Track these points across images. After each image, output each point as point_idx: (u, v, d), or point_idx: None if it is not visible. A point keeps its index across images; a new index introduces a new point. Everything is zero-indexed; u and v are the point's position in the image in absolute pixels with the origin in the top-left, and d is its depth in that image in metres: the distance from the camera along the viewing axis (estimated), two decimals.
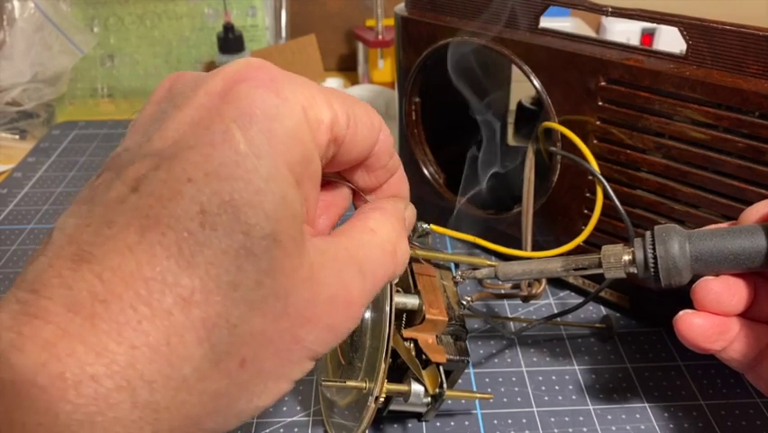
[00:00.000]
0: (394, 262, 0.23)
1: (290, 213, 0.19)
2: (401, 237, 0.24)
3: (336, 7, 0.87)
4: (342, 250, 0.22)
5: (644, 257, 0.30)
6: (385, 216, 0.24)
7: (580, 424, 0.36)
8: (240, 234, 0.18)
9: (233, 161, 0.18)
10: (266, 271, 0.18)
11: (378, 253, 0.23)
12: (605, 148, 0.39)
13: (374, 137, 0.23)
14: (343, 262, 0.21)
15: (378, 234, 0.23)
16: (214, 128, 0.19)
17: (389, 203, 0.25)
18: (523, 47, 0.40)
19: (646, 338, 0.42)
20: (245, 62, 0.21)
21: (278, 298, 0.19)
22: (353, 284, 0.21)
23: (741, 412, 0.37)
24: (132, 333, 0.17)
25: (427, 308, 0.33)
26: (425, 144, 0.50)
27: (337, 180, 0.26)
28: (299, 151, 0.20)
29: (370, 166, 0.25)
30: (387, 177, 0.26)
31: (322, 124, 0.21)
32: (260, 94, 0.19)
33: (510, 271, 0.34)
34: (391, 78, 0.79)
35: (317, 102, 0.21)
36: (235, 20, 0.78)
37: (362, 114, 0.23)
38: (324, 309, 0.20)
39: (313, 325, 0.20)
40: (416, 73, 0.47)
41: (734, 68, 0.33)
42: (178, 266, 0.18)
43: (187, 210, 0.18)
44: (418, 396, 0.32)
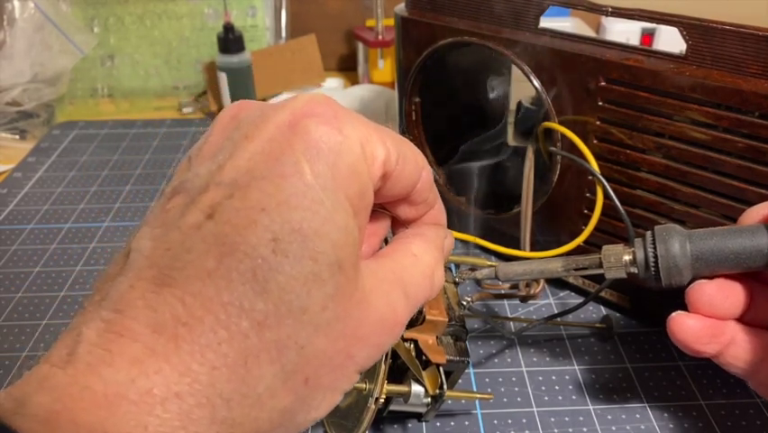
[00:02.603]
0: (431, 286, 0.25)
1: (351, 241, 0.21)
2: (439, 263, 0.26)
3: (336, 7, 0.87)
4: (390, 273, 0.23)
5: (644, 257, 0.30)
6: (426, 243, 0.26)
7: (580, 424, 0.37)
8: (309, 261, 0.19)
9: (302, 191, 0.20)
10: (332, 296, 0.20)
11: (419, 278, 0.24)
12: (605, 148, 0.39)
13: (418, 174, 0.25)
14: (390, 285, 0.23)
15: (420, 260, 0.25)
16: (285, 160, 0.20)
17: (431, 230, 0.27)
18: (523, 47, 0.40)
19: (646, 338, 0.42)
20: (310, 98, 0.22)
21: (339, 320, 0.20)
22: (399, 305, 0.23)
23: (741, 412, 0.37)
24: (212, 354, 0.18)
25: (427, 309, 0.33)
26: (425, 144, 0.50)
27: (380, 210, 0.27)
28: (358, 184, 0.21)
29: (413, 200, 0.26)
30: (426, 210, 0.27)
31: (377, 161, 0.22)
32: (325, 130, 0.21)
33: (510, 272, 0.34)
34: (391, 78, 0.78)
35: (373, 140, 0.22)
36: (235, 20, 0.78)
37: (410, 153, 0.24)
38: (374, 329, 0.22)
39: (364, 343, 0.22)
40: (415, 73, 0.47)
41: (733, 68, 0.33)
42: (254, 291, 0.19)
43: (261, 238, 0.19)
44: (418, 397, 0.32)
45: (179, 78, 0.84)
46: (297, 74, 0.79)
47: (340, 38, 0.89)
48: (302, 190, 0.20)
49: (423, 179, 0.25)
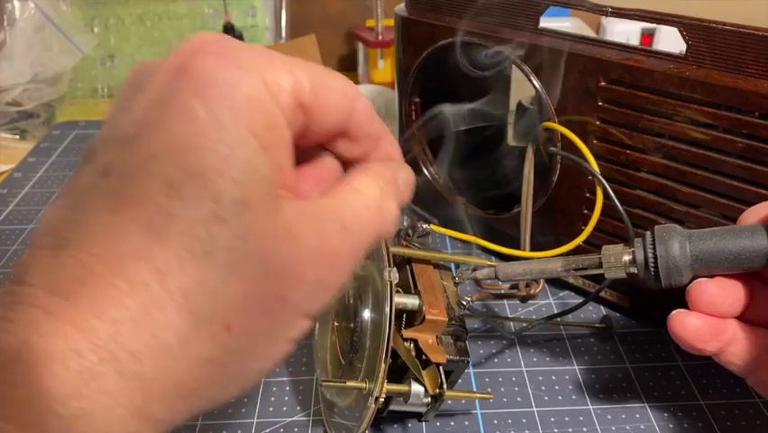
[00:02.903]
0: (381, 218, 0.24)
1: (258, 177, 0.19)
2: (387, 195, 0.24)
3: (336, 7, 0.87)
4: (324, 209, 0.22)
5: (644, 257, 0.30)
6: (371, 176, 0.24)
7: (580, 424, 0.37)
8: (209, 202, 0.19)
9: (196, 132, 0.19)
10: (239, 235, 0.19)
11: (362, 210, 0.23)
12: (605, 148, 0.39)
13: (348, 104, 0.23)
14: (324, 220, 0.22)
15: (362, 192, 0.24)
16: (174, 103, 0.19)
17: (377, 165, 0.25)
18: (522, 47, 0.40)
19: (646, 338, 0.42)
20: (199, 37, 0.21)
21: (256, 260, 0.19)
22: (335, 239, 0.22)
23: (741, 412, 0.37)
24: (112, 308, 0.18)
25: (427, 309, 0.33)
26: (424, 144, 0.50)
27: (324, 154, 0.26)
28: (261, 117, 0.20)
29: (353, 135, 0.25)
30: (373, 145, 0.26)
31: (282, 90, 0.21)
32: (216, 65, 0.20)
33: (510, 272, 0.34)
34: (391, 79, 0.79)
35: (276, 68, 0.21)
36: (235, 20, 0.78)
37: (332, 81, 0.23)
38: (307, 266, 0.21)
39: (297, 282, 0.20)
40: (415, 73, 0.47)
41: (733, 68, 0.33)
42: (151, 240, 0.18)
43: (155, 185, 0.18)
44: (418, 396, 0.32)
45: None
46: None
47: (340, 38, 0.89)
48: (195, 131, 0.19)
49: (358, 110, 0.24)
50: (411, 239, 0.38)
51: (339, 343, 0.35)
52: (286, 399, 0.39)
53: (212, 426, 0.37)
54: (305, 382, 0.40)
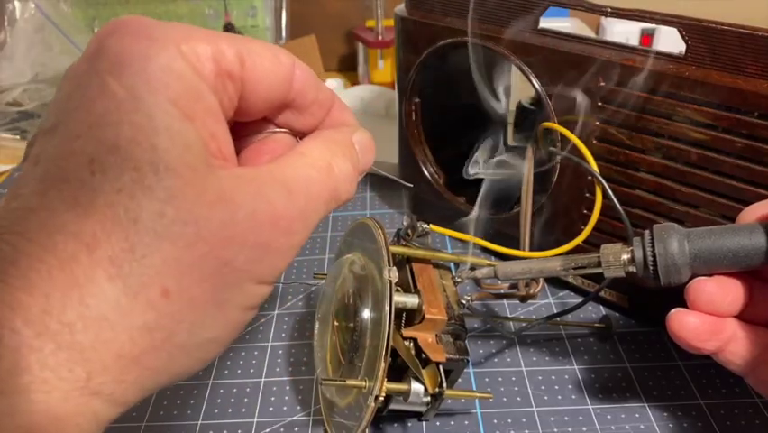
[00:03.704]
0: (331, 178, 0.24)
1: (181, 143, 0.20)
2: (337, 156, 0.24)
3: (336, 8, 0.87)
4: (265, 173, 0.22)
5: (643, 256, 0.30)
6: (317, 140, 0.25)
7: (580, 423, 0.37)
8: (131, 172, 0.19)
9: (113, 107, 0.19)
10: (165, 200, 0.19)
11: (307, 171, 0.23)
12: (604, 148, 0.39)
13: (283, 72, 0.23)
14: (264, 182, 0.22)
15: (307, 155, 0.24)
16: (91, 83, 0.20)
17: (327, 130, 0.26)
18: (523, 47, 0.40)
19: (645, 338, 0.42)
20: (113, 19, 0.21)
21: (186, 224, 0.19)
22: (278, 200, 0.22)
23: (740, 412, 0.37)
24: (42, 283, 0.18)
25: (427, 308, 0.33)
26: (424, 144, 0.50)
27: (275, 130, 0.26)
28: (180, 85, 0.20)
29: (297, 104, 0.25)
30: (322, 113, 0.26)
31: (201, 58, 0.21)
32: (128, 41, 0.20)
33: (509, 271, 0.34)
34: (391, 79, 0.79)
35: (193, 38, 0.21)
36: (236, 20, 0.78)
37: (261, 49, 0.23)
38: (247, 229, 0.21)
39: (237, 245, 0.20)
40: (415, 73, 0.47)
41: (733, 68, 0.33)
42: (77, 214, 0.19)
43: (78, 163, 0.19)
44: (418, 395, 0.33)
45: None
46: None
47: (340, 38, 0.89)
48: (112, 106, 0.19)
49: (297, 78, 0.24)
50: (410, 238, 0.38)
51: (339, 342, 0.35)
52: (286, 398, 0.39)
53: (212, 425, 0.37)
54: (305, 382, 0.40)
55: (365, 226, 0.36)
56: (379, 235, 0.34)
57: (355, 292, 0.34)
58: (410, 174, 0.51)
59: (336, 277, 0.36)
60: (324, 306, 0.37)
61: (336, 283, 0.36)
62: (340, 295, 0.36)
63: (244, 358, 0.42)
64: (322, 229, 0.55)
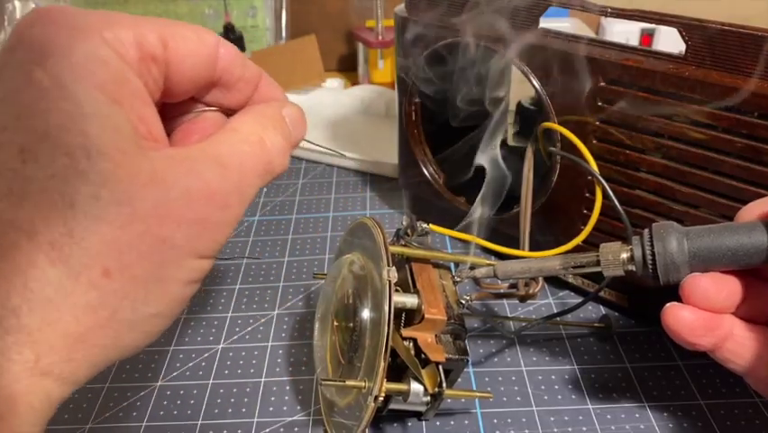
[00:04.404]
0: (264, 150, 0.24)
1: (111, 127, 0.20)
2: (268, 129, 0.25)
3: (336, 8, 0.87)
4: (197, 151, 0.23)
5: (642, 254, 0.30)
6: (248, 116, 0.25)
7: (580, 423, 0.37)
8: (63, 158, 0.20)
9: (39, 96, 0.20)
10: (99, 183, 0.20)
11: (240, 146, 0.24)
12: (604, 148, 0.39)
13: (206, 52, 0.24)
14: (196, 160, 0.22)
15: (239, 131, 0.24)
16: (14, 74, 0.20)
17: (257, 106, 0.26)
18: (522, 47, 0.40)
19: (645, 338, 0.42)
20: (34, 9, 0.22)
21: (121, 205, 0.20)
22: (211, 176, 0.22)
23: (740, 412, 0.37)
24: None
25: (426, 308, 0.33)
26: (424, 144, 0.50)
27: (204, 109, 0.26)
28: (104, 71, 0.21)
29: (224, 82, 0.25)
30: (250, 89, 0.26)
31: (125, 44, 0.21)
32: (50, 30, 0.21)
33: (509, 270, 0.34)
34: (391, 79, 0.79)
35: (115, 25, 0.22)
36: (236, 20, 0.78)
37: (184, 31, 0.23)
38: (182, 205, 0.21)
39: (174, 222, 0.21)
40: (415, 74, 0.47)
41: (732, 68, 0.33)
42: (11, 203, 0.19)
43: (9, 154, 0.20)
44: (418, 395, 0.33)
45: None
46: (297, 74, 0.79)
47: (340, 38, 0.89)
48: (39, 95, 0.20)
49: (222, 56, 0.24)
50: (410, 238, 0.38)
51: (339, 342, 0.35)
52: (286, 398, 0.39)
53: (212, 425, 0.37)
54: (305, 382, 0.40)
55: (364, 226, 0.36)
56: (378, 236, 0.34)
57: (355, 292, 0.34)
58: (410, 174, 0.51)
59: (336, 277, 0.36)
60: (324, 306, 0.37)
61: (336, 283, 0.36)
62: (339, 295, 0.36)
63: (244, 358, 0.42)
64: (322, 229, 0.55)
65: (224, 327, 0.45)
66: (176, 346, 0.43)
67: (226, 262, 0.51)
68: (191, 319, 0.46)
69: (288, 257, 0.52)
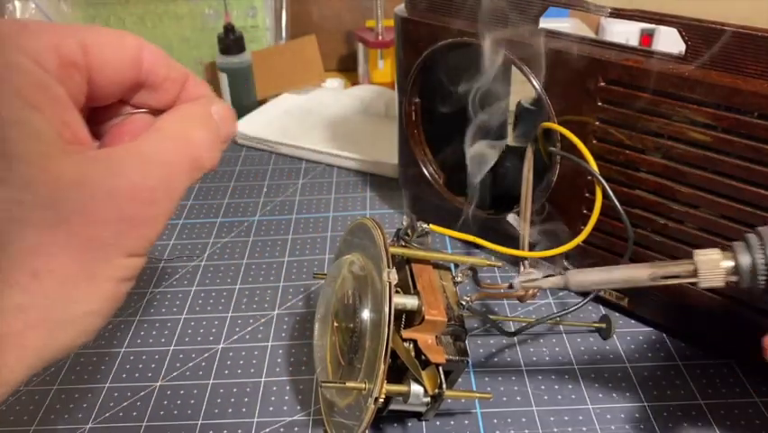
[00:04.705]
0: (190, 147, 0.24)
1: (32, 133, 0.20)
2: (194, 126, 0.25)
3: (336, 8, 0.87)
4: (121, 151, 0.23)
5: (751, 264, 0.26)
6: (174, 114, 0.25)
7: (580, 423, 0.37)
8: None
9: None
10: (22, 188, 0.20)
11: (165, 143, 0.24)
12: (604, 148, 0.39)
13: (129, 55, 0.24)
14: (119, 159, 0.22)
15: (164, 129, 0.24)
16: None
17: (184, 105, 0.26)
18: (522, 47, 0.40)
19: (645, 338, 0.42)
20: None
21: (46, 208, 0.20)
22: (135, 174, 0.22)
23: (740, 412, 0.37)
24: None
25: (426, 309, 0.33)
26: (424, 144, 0.50)
27: (133, 111, 0.27)
28: (24, 79, 0.21)
29: (150, 83, 0.26)
30: (176, 89, 0.27)
31: (43, 51, 0.22)
32: None
33: (585, 280, 0.30)
34: (391, 79, 0.79)
35: (31, 32, 0.22)
36: (236, 20, 0.78)
37: (105, 36, 0.24)
38: (107, 204, 0.21)
39: (100, 222, 0.21)
40: (415, 73, 0.47)
41: (732, 68, 0.33)
42: None
43: None
44: (418, 396, 0.33)
45: None
46: (297, 74, 0.79)
47: (340, 38, 0.89)
48: None
49: (146, 59, 0.25)
50: (410, 239, 0.38)
51: (339, 343, 0.35)
52: (286, 398, 0.39)
53: (212, 425, 0.37)
54: (305, 382, 0.40)
55: (364, 227, 0.36)
56: (378, 237, 0.34)
57: (354, 293, 0.34)
58: (410, 174, 0.51)
59: (336, 277, 0.36)
60: (324, 306, 0.37)
61: (336, 283, 0.36)
62: (339, 295, 0.36)
63: (244, 358, 0.42)
64: (322, 229, 0.55)
65: (224, 327, 0.45)
66: (176, 346, 0.43)
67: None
68: (191, 319, 0.46)
69: (287, 257, 0.52)
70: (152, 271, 0.51)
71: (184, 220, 0.57)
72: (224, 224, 0.57)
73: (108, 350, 0.43)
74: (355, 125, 0.72)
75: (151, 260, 0.52)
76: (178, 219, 0.57)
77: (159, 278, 0.50)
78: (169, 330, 0.45)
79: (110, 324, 0.46)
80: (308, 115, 0.75)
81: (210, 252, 0.53)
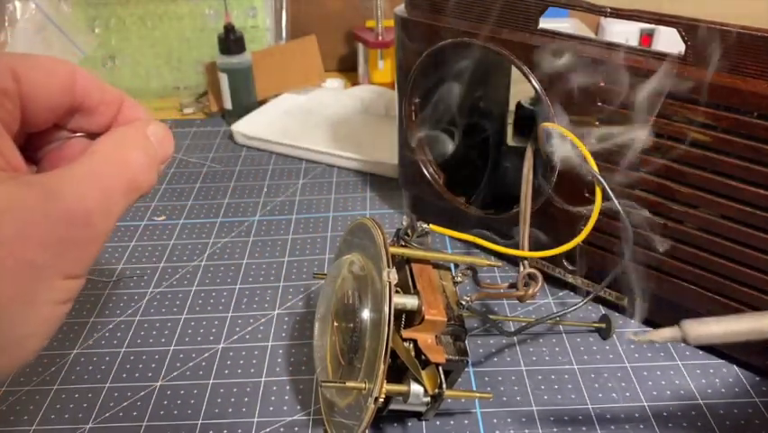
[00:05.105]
0: (126, 169, 0.25)
1: None
2: (130, 148, 0.25)
3: (336, 8, 0.87)
4: (56, 175, 0.23)
5: None
6: (110, 138, 0.25)
7: (580, 423, 0.37)
8: None
9: None
10: None
11: (100, 166, 0.24)
12: (605, 149, 0.39)
13: (61, 81, 0.25)
14: (55, 183, 0.22)
15: (100, 152, 0.24)
16: None
17: (120, 128, 0.27)
18: (522, 48, 0.40)
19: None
20: None
21: None
22: (71, 197, 0.22)
23: (740, 412, 0.37)
24: None
25: (426, 309, 0.33)
26: (424, 145, 0.50)
27: (69, 136, 0.27)
28: None
29: (85, 108, 0.26)
30: (111, 112, 0.27)
31: None
32: None
33: (705, 334, 0.26)
34: (391, 79, 0.79)
35: None
36: (236, 21, 0.78)
37: (37, 63, 0.24)
38: (44, 228, 0.21)
39: (37, 246, 0.21)
40: (415, 73, 0.47)
41: (732, 68, 0.33)
42: None
43: None
44: (418, 396, 0.33)
45: (180, 79, 0.84)
46: (297, 75, 0.79)
47: (340, 39, 0.89)
48: None
49: (79, 83, 0.25)
50: (410, 239, 0.38)
51: (339, 343, 0.35)
52: (286, 398, 0.39)
53: (212, 425, 0.37)
54: (305, 382, 0.40)
55: (364, 227, 0.36)
56: (378, 237, 0.34)
57: (354, 293, 0.34)
58: (410, 174, 0.51)
59: (336, 277, 0.36)
60: (324, 306, 0.37)
61: (336, 283, 0.36)
62: (339, 295, 0.36)
63: (244, 358, 0.42)
64: (322, 229, 0.55)
65: (224, 326, 0.45)
66: (176, 346, 0.43)
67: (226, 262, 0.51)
68: (191, 319, 0.46)
69: (287, 257, 0.52)
70: (152, 271, 0.51)
71: (184, 220, 0.57)
72: (224, 224, 0.57)
73: (108, 350, 0.43)
74: (355, 125, 0.72)
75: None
76: (179, 219, 0.57)
77: (159, 278, 0.50)
78: (169, 330, 0.45)
79: (110, 324, 0.46)
80: (308, 115, 0.75)
81: (210, 252, 0.53)
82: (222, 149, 0.70)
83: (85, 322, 0.46)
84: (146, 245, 0.54)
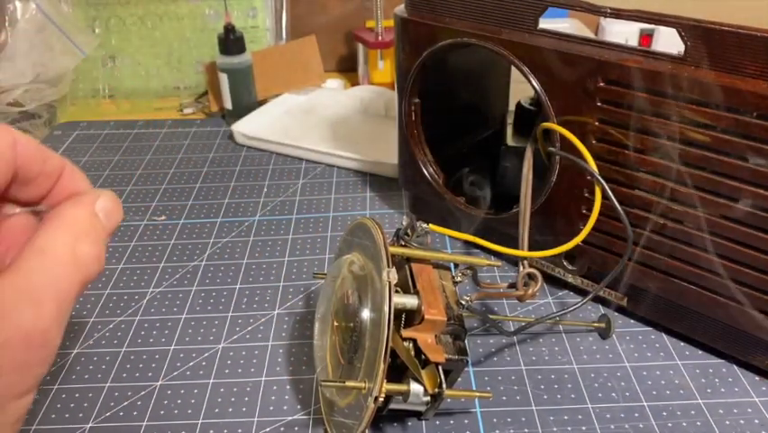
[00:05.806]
0: (79, 268, 0.23)
1: None
2: (80, 239, 0.23)
3: (336, 8, 0.87)
4: (7, 289, 0.21)
5: None
6: (57, 229, 0.23)
7: (579, 423, 0.37)
8: None
9: None
10: None
11: (52, 271, 0.22)
12: (603, 148, 0.39)
13: (4, 150, 0.23)
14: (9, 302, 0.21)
15: (48, 251, 0.22)
16: None
17: (65, 207, 0.24)
18: (522, 48, 0.40)
19: (645, 337, 0.42)
20: None
21: None
22: (27, 319, 0.21)
23: (740, 412, 0.37)
24: None
25: (426, 309, 0.33)
26: (424, 144, 0.50)
27: (13, 214, 0.25)
28: None
29: (24, 178, 0.24)
30: (50, 183, 0.25)
31: None
32: None
33: None
34: (391, 79, 0.79)
35: None
36: (236, 21, 0.78)
37: None
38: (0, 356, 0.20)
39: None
40: (415, 74, 0.47)
41: (731, 68, 0.33)
42: None
43: None
44: (417, 396, 0.33)
45: (180, 79, 0.84)
46: (297, 75, 0.79)
47: (340, 39, 0.89)
48: None
49: (20, 154, 0.23)
50: (410, 239, 0.38)
51: (339, 342, 0.35)
52: (286, 398, 0.39)
53: (212, 425, 0.37)
54: (305, 382, 0.40)
55: (364, 227, 0.36)
56: (378, 236, 0.34)
57: (354, 292, 0.34)
58: (410, 174, 0.51)
59: (336, 277, 0.37)
60: (324, 306, 0.37)
61: (336, 283, 0.36)
62: (339, 295, 0.36)
63: (244, 358, 0.42)
64: (322, 229, 0.55)
65: (224, 326, 0.45)
66: (176, 346, 0.43)
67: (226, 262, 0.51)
68: (191, 319, 0.46)
69: (287, 257, 0.52)
70: (152, 271, 0.51)
71: (184, 220, 0.57)
72: (224, 224, 0.57)
73: (108, 350, 0.43)
74: (355, 126, 0.72)
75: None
76: (179, 219, 0.57)
77: (159, 278, 0.50)
78: (169, 330, 0.45)
79: (110, 324, 0.46)
80: (308, 115, 0.75)
81: (210, 252, 0.53)
82: (222, 149, 0.70)
83: (85, 322, 0.46)
84: (146, 245, 0.54)
